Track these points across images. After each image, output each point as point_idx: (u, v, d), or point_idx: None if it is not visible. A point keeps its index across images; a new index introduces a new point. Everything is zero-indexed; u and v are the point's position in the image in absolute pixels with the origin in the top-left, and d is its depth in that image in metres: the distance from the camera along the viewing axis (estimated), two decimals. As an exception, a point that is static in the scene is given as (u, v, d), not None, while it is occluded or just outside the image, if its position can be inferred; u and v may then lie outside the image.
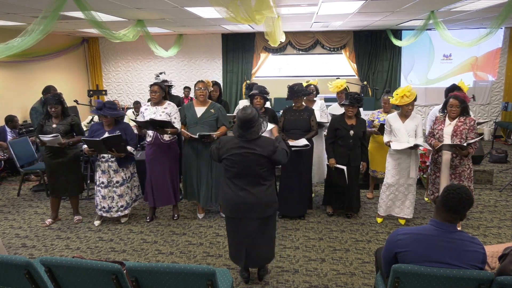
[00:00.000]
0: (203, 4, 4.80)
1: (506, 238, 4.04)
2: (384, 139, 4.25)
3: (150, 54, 9.15)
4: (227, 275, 2.58)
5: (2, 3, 4.44)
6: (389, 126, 4.19)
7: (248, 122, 2.81)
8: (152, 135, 4.27)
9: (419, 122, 4.10)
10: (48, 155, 4.28)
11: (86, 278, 2.13)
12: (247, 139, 2.85)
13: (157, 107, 4.26)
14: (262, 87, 4.38)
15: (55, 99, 4.19)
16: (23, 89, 7.55)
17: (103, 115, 4.06)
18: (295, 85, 4.28)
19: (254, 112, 2.85)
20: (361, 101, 4.16)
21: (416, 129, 4.08)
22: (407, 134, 4.07)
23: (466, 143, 3.68)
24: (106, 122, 4.14)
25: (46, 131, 4.16)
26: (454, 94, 3.86)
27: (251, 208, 2.91)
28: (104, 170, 4.23)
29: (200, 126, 4.22)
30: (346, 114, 4.21)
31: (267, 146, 2.87)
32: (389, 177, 4.21)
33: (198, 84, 4.26)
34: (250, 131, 2.84)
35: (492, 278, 1.92)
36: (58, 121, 4.23)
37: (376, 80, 9.21)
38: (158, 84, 4.27)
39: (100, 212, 4.33)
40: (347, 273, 3.39)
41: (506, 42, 8.71)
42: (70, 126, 4.26)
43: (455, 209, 1.98)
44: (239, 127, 2.86)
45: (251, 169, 2.86)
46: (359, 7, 5.37)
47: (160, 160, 4.32)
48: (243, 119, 2.81)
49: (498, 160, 6.69)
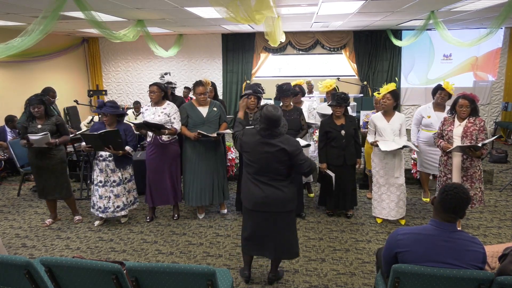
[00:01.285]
0: (203, 4, 4.80)
1: (506, 238, 4.04)
2: (368, 139, 4.27)
3: (150, 54, 9.15)
4: (227, 275, 2.58)
5: (2, 3, 4.44)
6: (373, 126, 4.20)
7: (277, 121, 2.84)
8: (152, 135, 4.28)
9: (403, 121, 4.13)
10: (33, 157, 4.20)
11: (86, 278, 2.13)
12: (274, 138, 2.87)
13: (156, 108, 4.25)
14: (256, 86, 4.33)
15: (37, 99, 4.11)
16: (23, 89, 7.55)
17: (103, 113, 4.06)
18: (284, 85, 4.28)
19: (280, 111, 2.89)
20: (348, 100, 4.17)
21: (400, 128, 4.11)
22: (392, 133, 4.09)
23: (481, 143, 3.60)
24: (107, 122, 4.12)
25: (32, 131, 4.07)
26: (463, 94, 3.81)
27: (272, 201, 2.92)
28: (101, 169, 4.21)
29: (207, 126, 4.21)
30: (334, 114, 4.22)
31: (292, 143, 2.90)
32: (378, 177, 4.23)
33: (199, 88, 4.17)
34: (278, 129, 2.87)
35: (492, 278, 1.92)
36: (42, 121, 4.17)
37: (376, 80, 9.21)
38: (157, 84, 4.25)
39: (97, 212, 4.29)
40: (347, 273, 3.39)
41: (506, 42, 8.71)
42: (55, 126, 4.21)
43: (454, 209, 1.99)
44: (266, 124, 2.84)
45: (271, 166, 2.88)
46: (359, 7, 5.37)
47: (160, 160, 4.31)
48: (275, 119, 2.81)
49: (498, 160, 6.69)
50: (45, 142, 4.04)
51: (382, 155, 4.14)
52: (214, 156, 4.32)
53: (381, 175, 4.20)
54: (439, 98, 4.45)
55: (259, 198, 2.93)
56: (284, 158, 2.85)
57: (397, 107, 4.18)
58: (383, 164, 4.16)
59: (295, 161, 2.87)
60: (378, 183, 4.25)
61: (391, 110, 4.13)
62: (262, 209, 2.96)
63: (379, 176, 4.23)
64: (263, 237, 3.03)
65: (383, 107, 4.14)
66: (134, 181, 4.45)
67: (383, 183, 4.21)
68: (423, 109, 4.69)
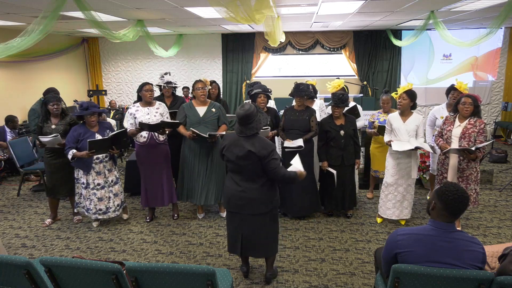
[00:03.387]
0: (203, 4, 4.79)
1: (506, 238, 4.04)
2: (385, 138, 4.24)
3: (150, 54, 9.15)
4: (227, 275, 2.58)
5: (2, 3, 4.44)
6: (389, 126, 4.18)
7: (247, 118, 2.86)
8: (147, 136, 4.23)
9: (420, 122, 4.08)
10: (49, 156, 4.25)
11: (86, 278, 2.13)
12: (247, 135, 2.90)
13: (149, 108, 4.24)
14: (264, 86, 4.39)
15: (55, 96, 4.20)
16: (23, 89, 7.55)
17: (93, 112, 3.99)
18: (301, 84, 4.29)
19: (252, 107, 2.89)
20: (346, 100, 4.17)
21: (417, 129, 4.07)
22: (407, 134, 4.05)
23: (475, 147, 3.58)
24: (93, 123, 4.06)
25: (46, 132, 4.13)
26: (466, 93, 3.82)
27: (245, 203, 2.98)
28: (99, 171, 4.16)
29: (203, 126, 4.21)
30: (333, 114, 4.22)
31: (264, 148, 2.85)
32: (388, 176, 4.21)
33: (198, 84, 4.24)
34: (249, 127, 2.89)
35: (492, 278, 1.92)
36: (57, 121, 4.21)
37: (376, 80, 9.21)
38: (150, 83, 4.27)
39: (95, 215, 4.24)
40: (347, 273, 3.39)
41: (506, 42, 8.71)
42: (69, 126, 4.23)
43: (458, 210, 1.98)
44: (238, 123, 2.93)
45: (246, 167, 2.91)
46: (359, 7, 5.37)
47: (155, 161, 4.31)
48: (242, 115, 2.86)
49: (498, 160, 6.70)
50: (56, 143, 4.07)
51: (396, 155, 4.11)
52: (209, 156, 4.30)
53: (391, 174, 4.17)
54: (451, 98, 4.41)
55: (232, 197, 3.01)
56: (255, 159, 2.85)
57: (415, 107, 4.15)
58: (395, 163, 4.13)
59: (265, 165, 2.85)
60: (386, 183, 4.23)
61: (407, 111, 4.09)
62: (236, 210, 3.03)
63: (389, 175, 4.19)
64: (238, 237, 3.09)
65: (399, 107, 4.11)
66: None
67: (392, 182, 4.18)
68: (437, 110, 4.65)
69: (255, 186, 2.94)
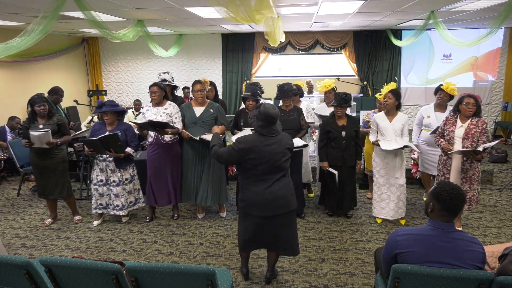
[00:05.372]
0: (203, 4, 4.79)
1: (506, 238, 4.04)
2: (370, 138, 4.26)
3: (150, 54, 9.15)
4: (227, 275, 2.58)
5: (2, 3, 4.44)
6: (375, 126, 4.20)
7: (275, 118, 2.87)
8: (153, 136, 4.28)
9: (405, 121, 4.13)
10: (34, 156, 4.20)
11: (86, 278, 2.13)
12: (274, 135, 2.89)
13: (157, 108, 4.25)
14: (255, 88, 4.29)
15: (41, 97, 4.18)
16: (23, 89, 7.55)
17: (104, 112, 4.07)
18: (285, 85, 4.28)
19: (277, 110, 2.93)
20: (349, 100, 4.16)
21: (403, 128, 4.11)
22: (394, 133, 4.09)
23: (482, 147, 3.56)
24: (108, 121, 4.14)
25: None
26: (467, 93, 3.82)
27: (284, 202, 2.90)
28: (102, 168, 4.23)
29: (199, 126, 4.22)
30: (336, 114, 4.22)
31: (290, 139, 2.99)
32: (379, 177, 4.23)
33: (196, 86, 4.23)
34: (276, 125, 2.93)
35: (492, 278, 1.92)
36: (44, 121, 4.18)
37: (376, 80, 9.21)
38: (157, 84, 4.26)
39: (96, 210, 4.31)
40: (347, 273, 3.39)
41: (506, 42, 8.71)
42: (57, 126, 4.22)
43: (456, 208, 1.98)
44: (268, 122, 2.83)
45: (279, 164, 2.86)
46: (359, 7, 5.37)
47: (161, 160, 4.31)
48: (273, 115, 2.83)
49: (498, 160, 6.69)
50: (45, 142, 4.04)
51: (383, 154, 4.14)
52: (208, 157, 4.29)
53: (381, 174, 4.20)
54: (439, 98, 4.47)
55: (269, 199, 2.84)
56: (288, 154, 2.92)
57: (400, 106, 4.18)
58: (384, 163, 4.16)
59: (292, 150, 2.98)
60: (378, 183, 4.25)
61: (393, 110, 4.13)
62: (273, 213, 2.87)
63: (379, 176, 4.22)
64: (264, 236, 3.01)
65: (385, 106, 4.14)
66: (136, 181, 4.44)
67: (384, 183, 4.21)
68: (424, 109, 4.71)
69: (287, 181, 2.95)
